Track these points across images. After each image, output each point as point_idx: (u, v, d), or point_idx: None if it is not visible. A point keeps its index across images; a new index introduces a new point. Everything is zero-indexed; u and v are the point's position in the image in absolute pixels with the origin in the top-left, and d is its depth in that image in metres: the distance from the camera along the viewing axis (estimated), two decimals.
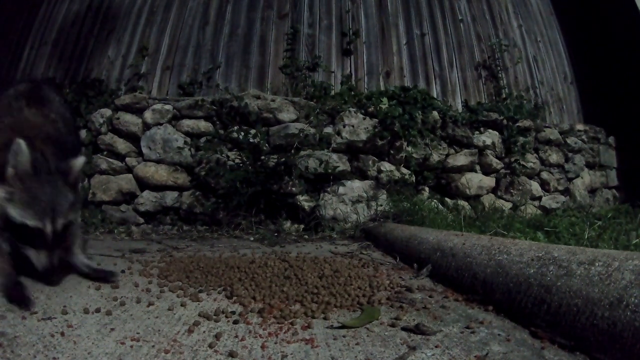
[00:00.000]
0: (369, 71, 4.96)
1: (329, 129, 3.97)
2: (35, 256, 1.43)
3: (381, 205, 3.67)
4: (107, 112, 4.06)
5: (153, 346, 1.02)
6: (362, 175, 3.97)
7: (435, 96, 4.87)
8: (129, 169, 4.01)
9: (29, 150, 1.35)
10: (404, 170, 4.10)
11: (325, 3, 5.08)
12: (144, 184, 3.94)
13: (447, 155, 4.35)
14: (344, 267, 1.92)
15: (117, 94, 4.44)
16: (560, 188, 5.09)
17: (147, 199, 3.90)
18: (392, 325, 1.19)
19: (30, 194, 1.37)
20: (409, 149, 4.08)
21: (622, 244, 2.36)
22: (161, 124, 4.03)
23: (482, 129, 4.58)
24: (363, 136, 3.96)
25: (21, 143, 1.33)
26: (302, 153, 3.77)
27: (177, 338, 1.08)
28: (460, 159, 4.35)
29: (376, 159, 4.05)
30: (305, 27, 4.93)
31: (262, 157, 3.80)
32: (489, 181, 4.54)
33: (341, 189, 3.72)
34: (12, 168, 1.34)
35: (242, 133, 3.85)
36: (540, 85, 5.96)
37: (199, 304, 1.40)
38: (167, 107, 4.07)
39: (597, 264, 1.07)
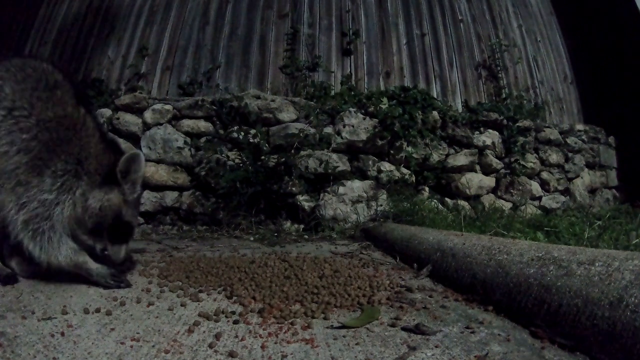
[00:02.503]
0: (369, 71, 4.96)
1: (329, 129, 3.97)
2: (116, 250, 1.62)
3: (381, 205, 3.67)
4: (107, 112, 4.06)
5: (153, 346, 1.02)
6: (362, 175, 3.97)
7: (435, 96, 4.87)
8: None
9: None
10: (404, 170, 4.10)
11: (325, 3, 5.08)
12: (144, 184, 3.94)
13: (447, 155, 4.35)
14: (344, 267, 1.92)
15: (117, 94, 4.44)
16: (560, 188, 5.09)
17: (147, 199, 3.90)
18: (392, 325, 1.19)
19: (138, 197, 1.66)
20: (409, 149, 4.08)
21: (622, 244, 2.36)
22: (161, 124, 4.03)
23: (482, 129, 4.58)
24: (363, 136, 3.96)
25: (141, 154, 1.59)
26: (302, 153, 3.77)
27: (177, 338, 1.08)
28: (460, 159, 4.35)
29: (376, 159, 4.05)
30: (305, 27, 4.93)
31: (262, 157, 3.80)
32: (489, 181, 4.54)
33: (341, 189, 3.72)
34: (133, 174, 1.58)
35: (242, 133, 3.85)
36: (540, 85, 5.96)
37: (199, 304, 1.40)
38: (167, 107, 4.07)
39: (597, 264, 1.07)
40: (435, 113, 4.27)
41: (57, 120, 1.53)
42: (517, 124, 4.73)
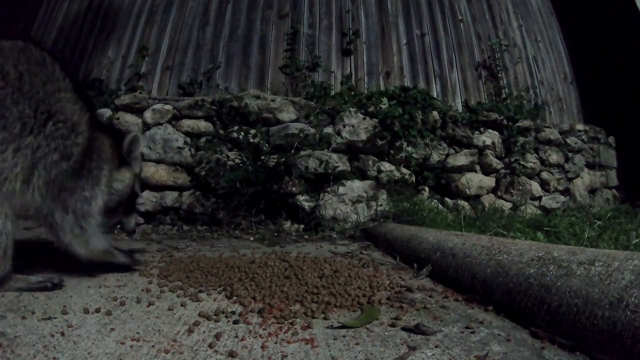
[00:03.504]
0: (369, 71, 4.96)
1: (329, 129, 3.97)
2: (129, 220, 1.95)
3: (381, 205, 3.67)
4: (107, 112, 4.06)
5: (153, 346, 1.02)
6: (362, 175, 3.97)
7: (435, 96, 4.87)
8: None
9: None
10: (404, 170, 4.10)
11: (325, 3, 5.08)
12: (144, 184, 3.93)
13: (447, 155, 4.35)
14: (344, 267, 1.92)
15: (117, 94, 4.43)
16: (560, 188, 5.09)
17: (147, 199, 3.90)
18: (392, 325, 1.19)
19: (141, 170, 1.92)
20: (409, 149, 4.08)
21: (622, 244, 2.35)
22: (161, 124, 4.03)
23: (482, 129, 4.58)
24: (363, 136, 3.96)
25: (139, 134, 1.83)
26: (302, 153, 3.77)
27: (177, 338, 1.08)
28: (460, 159, 4.35)
29: (376, 159, 4.05)
30: (305, 27, 4.93)
31: (262, 157, 3.80)
32: (489, 181, 4.54)
33: (341, 189, 3.72)
34: (136, 152, 1.81)
35: (242, 133, 3.85)
36: (540, 85, 5.96)
37: (199, 304, 1.40)
38: (167, 107, 4.06)
39: (597, 264, 1.07)
40: (435, 113, 4.27)
41: (76, 120, 1.60)
42: (517, 124, 4.73)
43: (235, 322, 1.21)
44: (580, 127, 5.67)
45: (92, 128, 1.65)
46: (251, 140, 3.84)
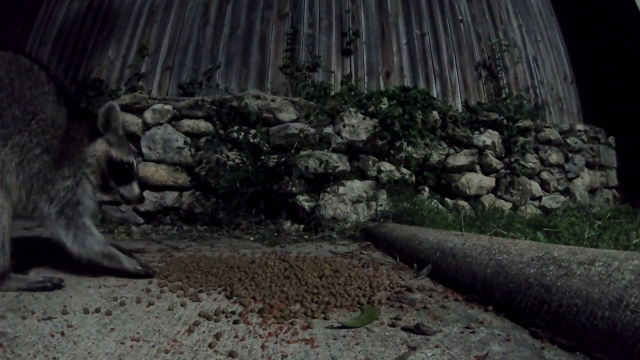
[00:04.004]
0: (369, 71, 4.96)
1: (329, 129, 3.97)
2: (128, 189, 1.85)
3: (381, 205, 3.67)
4: None
5: (153, 346, 1.02)
6: (362, 175, 3.97)
7: (435, 96, 4.87)
8: None
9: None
10: (404, 170, 4.10)
11: (325, 3, 5.08)
12: (144, 184, 3.94)
13: (447, 155, 4.35)
14: (344, 267, 1.92)
15: (117, 94, 4.44)
16: (560, 188, 5.09)
17: (147, 199, 3.90)
18: (392, 325, 1.19)
19: (122, 137, 1.85)
20: (409, 149, 4.08)
21: (622, 244, 2.35)
22: (161, 124, 4.03)
23: (482, 129, 4.58)
24: (363, 136, 3.96)
25: (115, 104, 1.79)
26: (302, 153, 3.77)
27: (177, 338, 1.08)
28: (460, 159, 4.35)
29: (376, 159, 4.05)
30: (305, 27, 4.93)
31: (262, 157, 3.80)
32: (489, 181, 4.54)
33: (341, 189, 3.72)
34: (113, 122, 1.78)
35: (242, 133, 3.85)
36: (540, 85, 5.96)
37: (199, 304, 1.40)
38: (167, 107, 4.06)
39: (597, 264, 1.07)
40: (435, 113, 4.27)
41: (55, 115, 1.65)
42: (517, 124, 4.73)
43: (235, 322, 1.21)
44: (580, 127, 5.67)
45: (70, 120, 1.70)
46: (251, 140, 3.84)
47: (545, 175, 4.99)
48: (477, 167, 4.53)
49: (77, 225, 1.65)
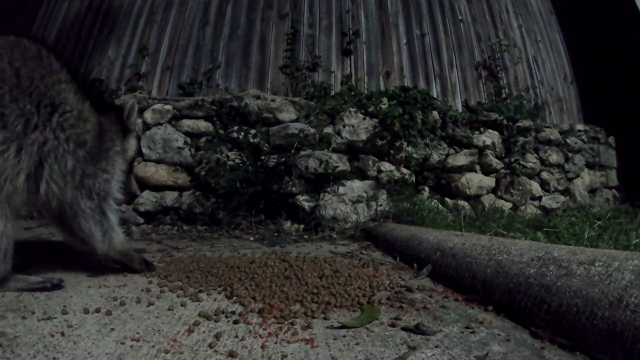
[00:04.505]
0: (369, 71, 4.96)
1: (329, 129, 3.97)
2: (126, 182, 1.86)
3: (381, 205, 3.67)
4: None
5: (153, 346, 1.02)
6: (362, 175, 3.97)
7: (435, 96, 4.87)
8: None
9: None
10: (404, 170, 4.10)
11: (325, 3, 5.08)
12: (144, 184, 3.94)
13: (447, 155, 4.35)
14: (344, 267, 1.92)
15: (117, 94, 4.43)
16: (560, 188, 5.09)
17: (147, 199, 3.90)
18: (392, 325, 1.19)
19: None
20: (409, 149, 4.08)
21: (622, 244, 2.35)
22: (161, 124, 4.03)
23: (482, 129, 4.58)
24: (363, 136, 3.96)
25: (134, 101, 1.91)
26: (302, 153, 3.77)
27: (177, 338, 1.08)
28: (460, 159, 4.35)
29: (376, 159, 4.05)
30: (305, 27, 4.93)
31: (262, 157, 3.80)
32: (489, 181, 4.54)
33: (341, 189, 3.72)
34: (134, 118, 1.88)
35: (242, 133, 3.85)
36: (540, 85, 5.96)
37: (199, 304, 1.40)
38: (167, 107, 4.06)
39: (597, 264, 1.07)
40: (435, 113, 4.27)
41: (81, 108, 1.61)
42: (517, 124, 4.73)
43: (235, 322, 1.21)
44: (580, 127, 5.67)
45: (95, 112, 1.69)
46: (251, 140, 3.84)
47: (545, 175, 4.99)
48: (477, 167, 4.53)
49: (108, 221, 1.65)
